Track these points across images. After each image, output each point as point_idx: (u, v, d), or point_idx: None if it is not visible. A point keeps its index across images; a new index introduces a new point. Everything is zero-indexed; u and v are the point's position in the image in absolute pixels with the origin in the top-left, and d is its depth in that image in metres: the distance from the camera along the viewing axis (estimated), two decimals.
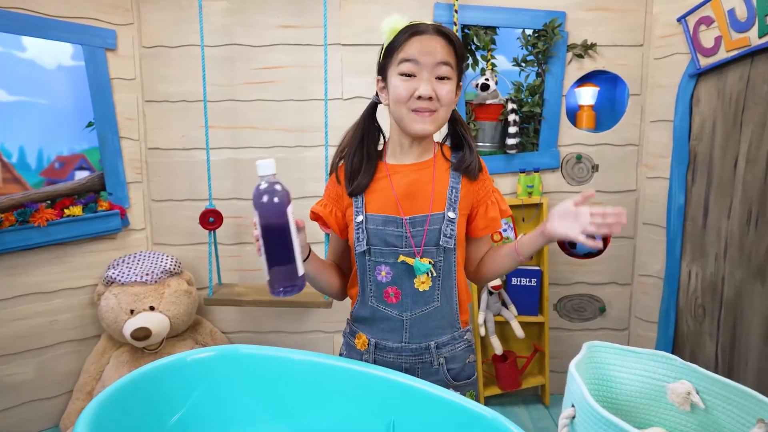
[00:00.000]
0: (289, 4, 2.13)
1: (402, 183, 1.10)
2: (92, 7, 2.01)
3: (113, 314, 1.95)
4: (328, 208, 1.16)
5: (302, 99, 2.17)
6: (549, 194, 2.24)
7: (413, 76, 1.02)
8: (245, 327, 2.32)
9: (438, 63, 1.01)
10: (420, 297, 1.09)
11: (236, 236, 2.25)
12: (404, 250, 1.08)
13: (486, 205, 1.13)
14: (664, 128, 2.13)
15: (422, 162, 1.12)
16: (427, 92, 1.00)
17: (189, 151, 2.20)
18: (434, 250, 1.08)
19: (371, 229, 1.09)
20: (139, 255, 2.10)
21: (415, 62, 1.01)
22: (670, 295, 2.14)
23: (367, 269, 1.11)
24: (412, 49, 1.01)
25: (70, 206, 2.01)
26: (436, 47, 1.01)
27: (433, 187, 1.10)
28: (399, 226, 1.08)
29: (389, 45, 1.04)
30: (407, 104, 1.03)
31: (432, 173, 1.11)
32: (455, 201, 1.10)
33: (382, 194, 1.10)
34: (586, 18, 2.13)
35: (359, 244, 1.09)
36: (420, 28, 1.02)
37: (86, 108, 2.14)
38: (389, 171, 1.11)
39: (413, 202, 1.09)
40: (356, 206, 1.11)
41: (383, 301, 1.11)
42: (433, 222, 1.08)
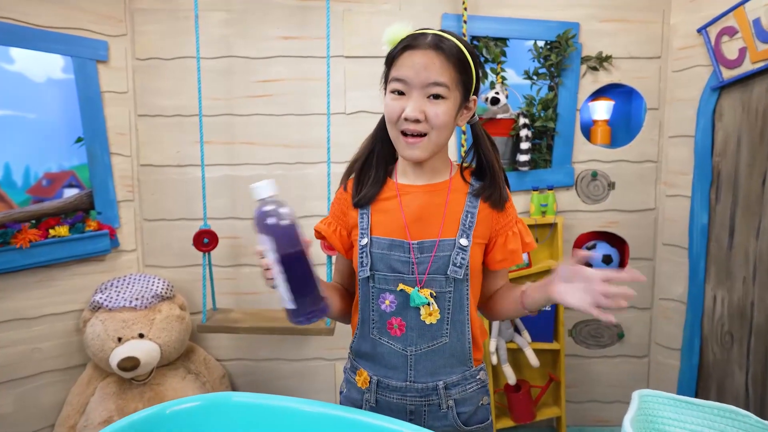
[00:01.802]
0: (290, 14, 2.04)
1: (412, 205, 1.00)
2: (83, 18, 1.92)
3: (99, 342, 1.82)
4: (333, 227, 1.07)
5: (303, 113, 2.07)
6: (564, 213, 2.13)
7: (403, 95, 0.93)
8: (241, 354, 2.18)
9: (430, 83, 0.91)
10: (427, 330, 0.97)
11: (232, 258, 2.13)
12: (408, 278, 0.97)
13: (506, 236, 1.01)
14: (684, 144, 2.02)
15: (436, 183, 1.01)
16: (412, 114, 0.91)
17: (183, 168, 2.09)
18: (442, 279, 0.96)
19: (376, 253, 0.99)
20: (128, 278, 1.98)
21: (404, 81, 0.92)
22: (693, 321, 2.01)
23: (370, 297, 1.00)
24: (403, 66, 0.92)
25: (56, 226, 1.89)
26: (429, 65, 0.90)
27: (446, 211, 0.99)
28: (405, 251, 0.97)
29: (387, 58, 0.96)
30: (396, 125, 0.94)
31: (446, 196, 1.00)
32: (469, 227, 0.98)
33: (390, 215, 1.00)
34: (601, 29, 2.04)
35: (362, 269, 0.99)
36: (414, 42, 0.92)
37: (76, 123, 2.03)
38: (399, 191, 1.01)
39: (422, 225, 0.98)
40: (361, 227, 1.01)
41: (386, 333, 1.00)
42: (441, 248, 0.97)
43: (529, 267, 2.08)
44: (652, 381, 2.20)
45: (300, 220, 2.22)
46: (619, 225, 2.14)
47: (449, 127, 0.95)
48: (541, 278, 2.13)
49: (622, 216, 2.14)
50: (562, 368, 2.10)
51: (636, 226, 2.14)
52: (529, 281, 1.04)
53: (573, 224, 2.14)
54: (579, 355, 2.21)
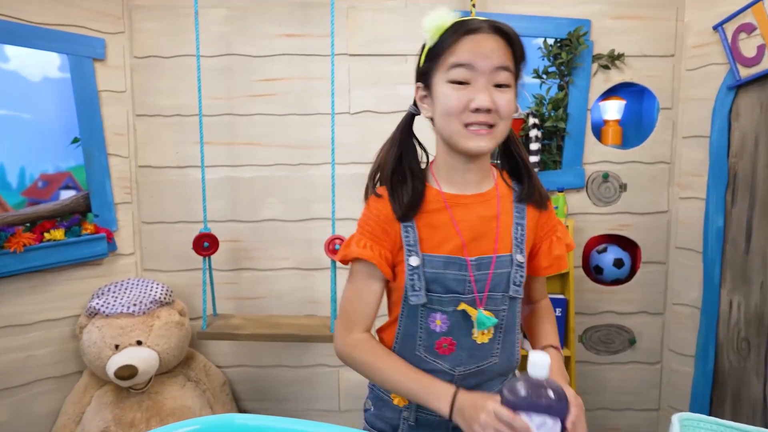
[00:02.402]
0: (292, 11, 1.98)
1: (467, 218, 0.91)
2: (80, 15, 1.86)
3: (96, 349, 1.76)
4: (376, 250, 0.92)
5: (306, 113, 2.01)
6: (574, 216, 2.07)
7: (466, 84, 0.84)
8: (243, 361, 2.13)
9: (496, 68, 0.83)
10: (477, 351, 0.91)
11: (233, 261, 2.07)
12: (466, 297, 0.89)
13: (550, 241, 0.96)
14: (699, 145, 1.96)
15: (486, 193, 0.94)
16: (485, 104, 0.82)
17: (183, 169, 2.03)
18: (499, 298, 0.90)
19: (430, 273, 0.89)
20: (126, 283, 1.92)
21: (470, 67, 0.83)
22: (708, 327, 1.95)
23: (418, 315, 0.92)
24: (465, 51, 0.83)
25: (51, 229, 1.83)
26: (494, 48, 0.83)
27: (499, 223, 0.91)
28: (462, 268, 0.89)
29: (435, 46, 0.87)
30: (460, 117, 0.85)
31: (496, 206, 0.92)
32: (521, 241, 0.92)
33: (442, 230, 0.91)
34: (613, 27, 1.98)
35: (416, 294, 0.89)
36: (473, 25, 0.84)
37: (73, 123, 1.97)
38: (448, 202, 0.92)
39: (478, 240, 0.90)
40: (407, 243, 0.90)
41: (433, 352, 0.92)
42: (499, 265, 0.90)
43: None
44: (664, 388, 2.14)
45: (304, 223, 2.16)
46: (631, 228, 2.08)
47: (512, 118, 0.88)
48: (550, 283, 2.07)
49: (634, 219, 2.08)
50: (572, 376, 2.04)
51: (648, 229, 2.08)
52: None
53: (583, 227, 2.08)
54: (589, 362, 2.15)
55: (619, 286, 2.11)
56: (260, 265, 2.06)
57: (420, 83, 0.92)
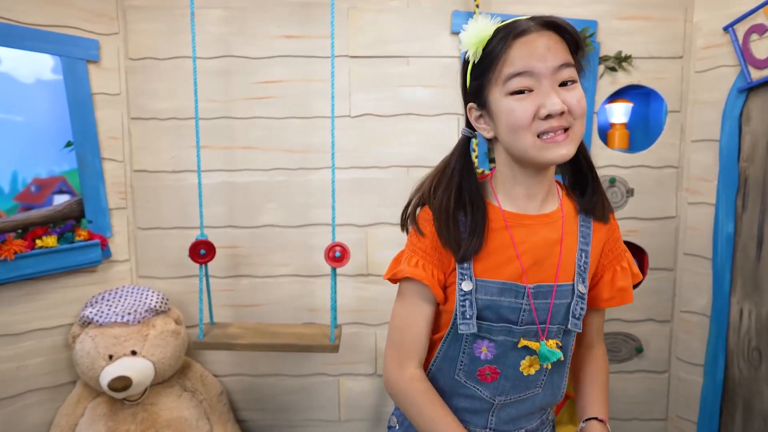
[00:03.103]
0: (292, 12, 1.93)
1: (528, 241, 0.84)
2: (73, 15, 1.81)
3: (89, 360, 1.71)
4: (428, 270, 0.85)
5: (306, 116, 1.96)
6: None
7: (530, 92, 0.77)
8: (241, 370, 2.07)
9: (557, 67, 0.76)
10: (522, 381, 0.86)
11: (231, 268, 2.02)
12: (521, 328, 0.83)
13: (614, 271, 0.89)
14: (708, 148, 1.92)
15: (551, 213, 0.86)
16: (556, 107, 0.75)
17: (179, 173, 1.98)
18: (555, 330, 0.84)
19: (483, 300, 0.82)
20: (120, 291, 1.87)
21: (528, 74, 0.76)
22: (718, 335, 1.91)
23: (463, 343, 0.85)
24: (519, 57, 0.76)
25: (43, 236, 1.78)
26: (549, 46, 0.76)
27: (562, 249, 0.84)
28: (519, 296, 0.82)
29: (481, 60, 0.80)
30: (530, 129, 0.78)
31: (561, 229, 0.84)
32: (585, 269, 0.85)
33: (500, 253, 0.83)
34: (620, 27, 1.93)
35: (466, 323, 0.82)
36: (520, 27, 0.77)
37: (67, 126, 1.92)
38: (509, 222, 0.84)
39: (539, 267, 0.83)
40: (461, 268, 0.83)
41: (475, 379, 0.86)
42: (559, 295, 0.83)
43: None
44: (672, 398, 2.09)
45: (303, 228, 2.11)
46: (638, 234, 2.03)
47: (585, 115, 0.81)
48: None
49: (642, 224, 2.03)
50: None
51: (656, 235, 2.03)
52: None
53: None
54: None
55: None
56: (258, 272, 2.02)
57: (472, 104, 0.85)
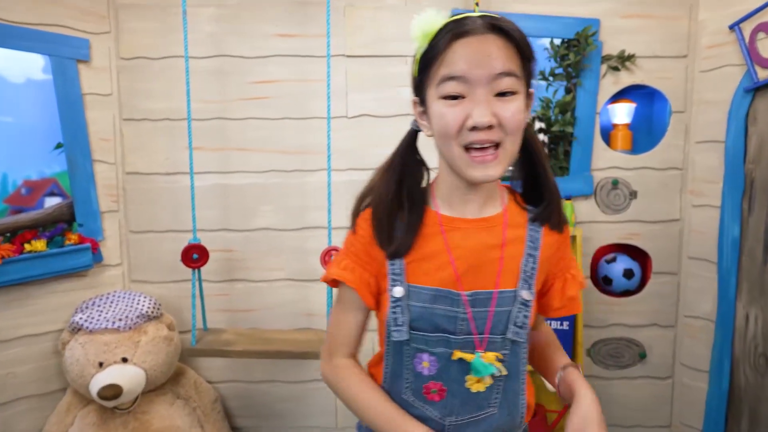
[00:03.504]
0: (287, 10, 1.89)
1: (463, 245, 0.79)
2: (62, 13, 1.76)
3: (79, 367, 1.67)
4: (357, 272, 0.83)
5: (302, 117, 1.92)
6: (582, 224, 1.98)
7: (462, 98, 0.72)
8: (235, 376, 2.03)
9: (496, 75, 0.71)
10: (472, 399, 0.80)
11: (225, 272, 1.97)
12: (458, 339, 0.78)
13: (564, 280, 0.85)
14: (713, 150, 1.87)
15: (490, 218, 0.81)
16: (482, 119, 0.70)
17: (172, 176, 1.93)
18: (499, 341, 0.79)
19: (416, 307, 0.78)
20: (111, 296, 1.82)
21: (463, 79, 0.71)
22: (723, 341, 1.86)
23: (403, 355, 0.81)
24: (457, 59, 0.71)
25: (32, 240, 1.74)
26: (491, 53, 0.70)
27: (503, 254, 0.79)
28: (454, 303, 0.78)
29: (424, 55, 0.75)
30: (458, 139, 0.73)
31: (501, 233, 0.80)
32: (531, 275, 0.80)
33: (434, 258, 0.79)
34: (623, 26, 1.89)
35: (398, 330, 0.78)
36: (464, 27, 0.71)
37: (58, 127, 1.88)
38: (444, 226, 0.80)
39: (476, 272, 0.79)
40: (393, 273, 0.80)
41: (421, 397, 0.82)
42: (500, 303, 0.78)
43: None
44: (676, 405, 2.05)
45: (299, 232, 2.06)
46: (642, 237, 1.99)
47: (522, 130, 0.75)
48: None
49: (645, 227, 1.99)
50: None
51: (659, 238, 1.99)
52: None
53: (592, 236, 1.99)
54: (597, 376, 2.06)
55: (628, 298, 2.02)
56: (253, 276, 1.97)
57: (416, 98, 0.80)
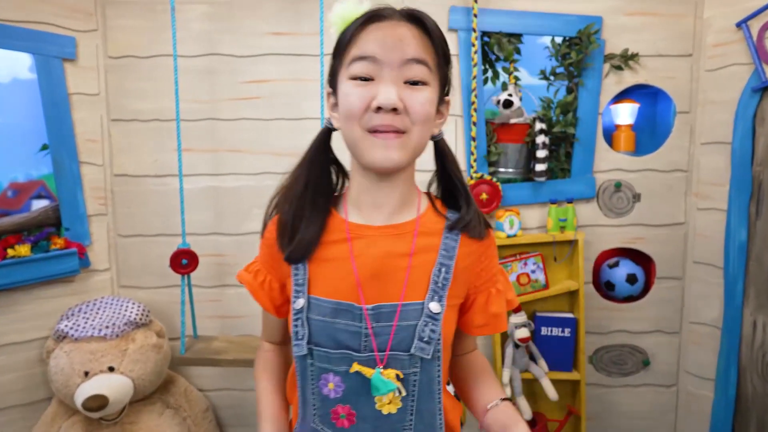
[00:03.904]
0: (280, 8, 1.83)
1: (367, 253, 0.74)
2: (47, 10, 1.71)
3: (64, 377, 1.61)
4: (261, 277, 0.82)
5: (295, 118, 1.86)
6: (584, 228, 1.92)
7: (370, 80, 0.69)
8: (227, 384, 1.97)
9: (407, 60, 0.69)
10: (384, 423, 0.74)
11: (216, 277, 1.92)
12: (362, 356, 0.72)
13: (488, 294, 0.79)
14: (719, 151, 1.82)
15: (400, 225, 0.76)
16: (388, 100, 0.67)
17: (162, 178, 1.88)
18: (406, 358, 0.72)
19: (316, 321, 0.73)
20: (99, 302, 1.77)
21: (373, 59, 0.69)
22: (730, 348, 1.81)
23: (308, 376, 0.75)
24: (369, 41, 0.69)
25: (16, 245, 1.68)
26: (404, 37, 0.69)
27: (410, 263, 0.74)
28: (356, 318, 0.72)
29: (339, 40, 0.73)
30: (361, 121, 0.69)
31: (411, 241, 0.75)
32: (443, 285, 0.74)
33: (336, 268, 0.75)
34: (627, 24, 1.84)
35: (298, 344, 0.73)
36: (382, 12, 0.71)
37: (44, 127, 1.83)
38: (351, 233, 0.76)
39: (381, 284, 0.73)
40: (296, 282, 0.76)
41: (330, 424, 0.75)
42: (405, 316, 0.72)
43: (546, 289, 1.87)
44: (681, 414, 2.00)
45: None
46: (645, 241, 1.94)
47: (430, 125, 0.73)
48: (558, 301, 1.93)
49: (649, 231, 1.93)
50: (582, 400, 1.90)
51: (664, 243, 1.93)
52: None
53: (593, 240, 1.93)
54: (600, 384, 2.01)
55: (632, 304, 1.97)
56: None
57: (330, 89, 0.77)
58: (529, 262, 1.86)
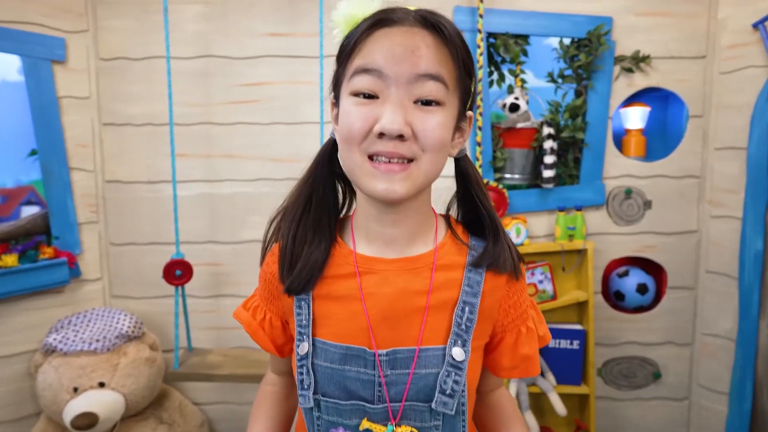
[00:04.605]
0: (278, 8, 1.77)
1: (379, 292, 0.65)
2: (35, 10, 1.64)
3: (52, 393, 1.55)
4: (260, 314, 0.73)
5: (293, 122, 1.80)
6: (593, 236, 1.85)
7: (374, 98, 0.60)
8: (223, 397, 1.91)
9: (419, 76, 0.58)
10: None
11: (212, 287, 1.85)
12: (375, 408, 0.63)
13: (517, 333, 0.69)
14: (734, 157, 1.75)
15: (416, 257, 0.67)
16: (392, 126, 0.57)
17: (156, 184, 1.81)
18: (425, 410, 0.64)
19: (322, 367, 0.65)
20: (89, 314, 1.70)
21: (377, 74, 0.59)
22: (745, 361, 1.74)
23: (315, 428, 0.67)
24: (375, 50, 0.59)
25: (3, 255, 1.61)
26: (416, 48, 0.58)
27: (429, 303, 0.65)
28: (368, 365, 0.64)
29: (343, 44, 0.63)
30: (361, 145, 0.60)
31: (429, 276, 0.65)
32: (467, 328, 0.65)
33: (345, 308, 0.66)
34: (638, 24, 1.77)
35: (304, 395, 0.65)
36: (392, 15, 0.60)
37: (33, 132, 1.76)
38: (359, 267, 0.66)
39: (395, 325, 0.65)
40: (299, 323, 0.67)
41: None
42: (423, 363, 0.64)
43: (554, 299, 1.81)
44: (693, 428, 1.93)
45: None
46: (657, 250, 1.87)
47: (446, 150, 0.63)
48: (567, 312, 1.86)
49: (660, 239, 1.86)
50: (591, 415, 1.83)
51: (676, 251, 1.87)
52: None
53: (603, 249, 1.86)
54: (609, 398, 1.94)
55: (642, 314, 1.90)
56: (242, 292, 1.85)
57: (333, 97, 0.67)
58: (537, 272, 1.79)
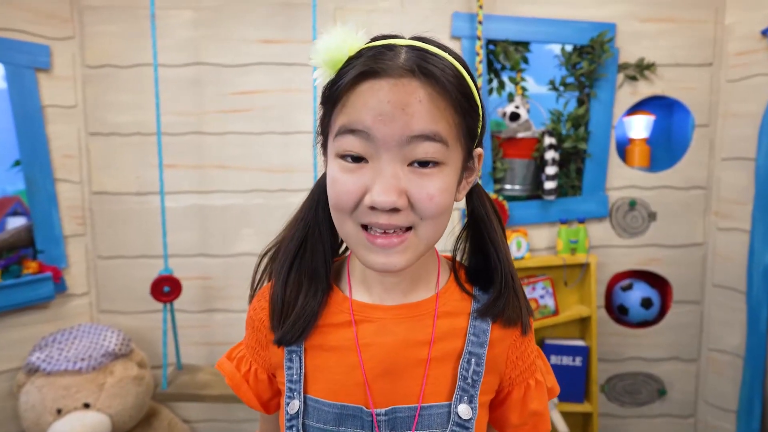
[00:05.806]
0: (271, 13, 1.72)
1: (377, 342, 0.60)
2: (18, 17, 1.59)
3: (35, 414, 1.49)
4: (245, 366, 0.67)
5: (286, 131, 1.75)
6: (596, 249, 1.80)
7: (364, 162, 0.53)
8: (214, 415, 1.85)
9: (411, 138, 0.51)
10: None
11: (203, 302, 1.80)
12: None
13: (525, 387, 0.63)
14: (742, 167, 1.70)
15: (417, 304, 0.61)
16: (385, 200, 0.51)
17: (144, 196, 1.76)
18: None
19: (315, 429, 0.59)
20: (75, 331, 1.64)
21: (365, 135, 0.51)
22: (753, 378, 1.69)
23: None
24: (360, 109, 0.51)
25: None
26: (408, 104, 0.51)
27: (431, 354, 0.59)
28: (365, 426, 0.58)
29: (329, 91, 0.55)
30: (353, 215, 0.54)
31: (432, 325, 0.60)
32: (473, 383, 0.59)
33: (339, 361, 0.60)
34: (642, 31, 1.72)
35: None
36: (379, 64, 0.51)
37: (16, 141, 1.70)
38: (355, 315, 0.61)
39: (394, 380, 0.59)
40: (289, 378, 0.61)
41: None
42: (426, 422, 0.58)
43: (556, 315, 1.75)
44: None
45: None
46: (661, 262, 1.82)
47: (449, 212, 0.57)
48: (569, 328, 1.80)
49: (665, 252, 1.82)
50: (593, 431, 1.78)
51: (681, 264, 1.82)
52: None
53: (606, 262, 1.81)
54: (613, 415, 1.89)
55: (646, 329, 1.85)
56: (234, 306, 1.79)
57: (321, 137, 0.59)
58: (538, 287, 1.74)
